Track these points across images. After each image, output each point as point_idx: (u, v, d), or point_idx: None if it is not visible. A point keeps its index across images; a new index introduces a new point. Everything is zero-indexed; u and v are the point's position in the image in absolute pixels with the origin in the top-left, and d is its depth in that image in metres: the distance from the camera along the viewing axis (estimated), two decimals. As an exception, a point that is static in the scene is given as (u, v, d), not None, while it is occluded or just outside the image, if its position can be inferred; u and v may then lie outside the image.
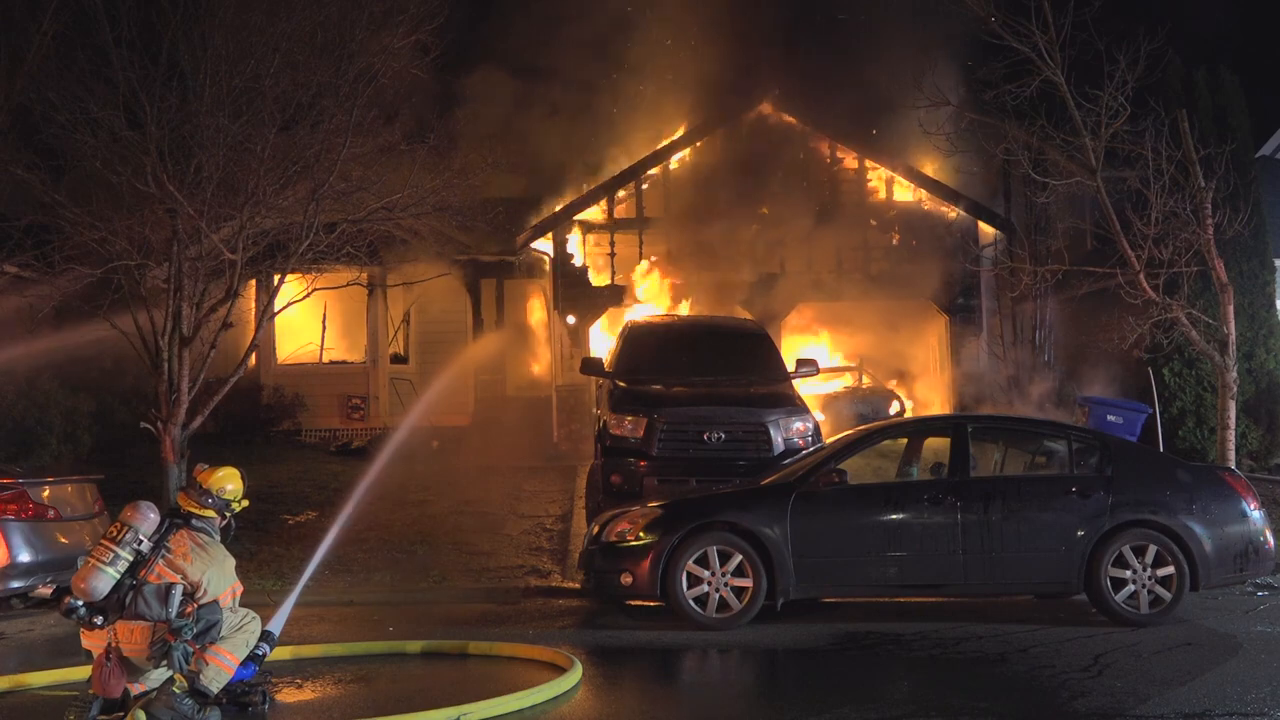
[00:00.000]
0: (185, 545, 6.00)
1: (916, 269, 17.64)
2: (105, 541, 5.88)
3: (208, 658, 5.91)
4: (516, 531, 12.44)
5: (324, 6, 11.40)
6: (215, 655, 5.94)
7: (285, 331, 18.67)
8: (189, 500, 6.19)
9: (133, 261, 11.20)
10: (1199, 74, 15.60)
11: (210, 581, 5.96)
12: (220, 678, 5.98)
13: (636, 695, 6.98)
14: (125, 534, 5.85)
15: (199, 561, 5.98)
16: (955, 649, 7.75)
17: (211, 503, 6.18)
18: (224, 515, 6.26)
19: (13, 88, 11.17)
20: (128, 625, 5.83)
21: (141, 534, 5.90)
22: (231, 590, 6.11)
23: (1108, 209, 13.10)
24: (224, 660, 5.97)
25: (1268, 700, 6.07)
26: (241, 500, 6.30)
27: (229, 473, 6.26)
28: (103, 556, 5.80)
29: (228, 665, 5.98)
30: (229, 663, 5.99)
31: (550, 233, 18.51)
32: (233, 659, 6.01)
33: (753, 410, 10.86)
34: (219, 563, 6.05)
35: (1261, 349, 15.32)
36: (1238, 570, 8.78)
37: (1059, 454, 9.43)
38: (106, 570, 5.78)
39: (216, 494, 6.19)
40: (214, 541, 6.15)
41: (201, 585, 5.93)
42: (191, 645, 5.80)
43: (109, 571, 5.79)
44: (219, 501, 6.20)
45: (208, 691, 5.91)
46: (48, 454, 13.43)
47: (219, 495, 6.20)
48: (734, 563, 8.49)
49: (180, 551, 5.97)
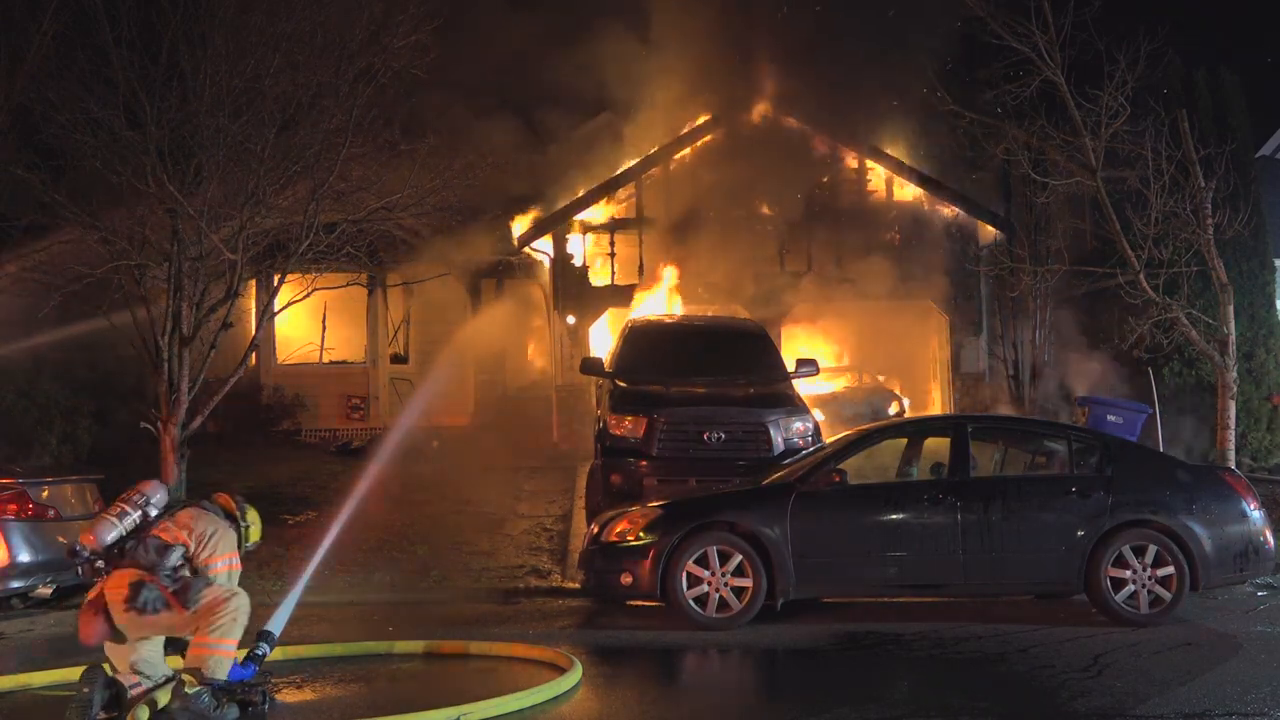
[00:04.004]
0: (191, 513, 6.34)
1: (916, 269, 17.62)
2: (119, 500, 6.28)
3: (205, 651, 5.98)
4: (516, 531, 12.44)
5: (324, 6, 11.38)
6: (211, 647, 5.99)
7: (285, 331, 18.67)
8: (221, 497, 6.60)
9: (133, 261, 11.20)
10: (1199, 74, 15.61)
11: (210, 537, 6.23)
12: (223, 664, 6.03)
13: (636, 695, 6.98)
14: (136, 497, 6.26)
15: (202, 522, 6.29)
16: (955, 649, 7.75)
17: (235, 510, 6.57)
18: (239, 526, 6.56)
19: (13, 88, 11.15)
20: (120, 573, 6.07)
21: (152, 501, 6.28)
22: (228, 560, 6.29)
23: (1108, 209, 13.10)
24: (221, 648, 6.03)
25: (1268, 700, 6.07)
26: (254, 532, 6.65)
27: (254, 512, 6.69)
28: (114, 511, 6.23)
29: (226, 651, 6.04)
30: (227, 648, 6.05)
31: (550, 233, 18.50)
32: (229, 643, 6.06)
33: (753, 410, 10.87)
34: (220, 528, 6.33)
35: (1261, 349, 15.34)
36: (1238, 570, 8.79)
37: (1059, 454, 9.43)
38: (116, 523, 6.17)
39: (239, 512, 6.59)
40: (221, 519, 6.43)
41: (204, 539, 6.20)
42: (163, 590, 5.96)
43: (118, 525, 6.17)
44: (241, 509, 6.58)
45: (215, 680, 5.97)
46: (48, 454, 13.43)
47: (240, 513, 6.58)
48: (734, 563, 8.49)
49: (185, 519, 6.29)
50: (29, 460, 12.65)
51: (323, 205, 11.55)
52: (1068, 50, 12.99)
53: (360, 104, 11.38)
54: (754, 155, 17.63)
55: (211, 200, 11.06)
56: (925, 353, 19.12)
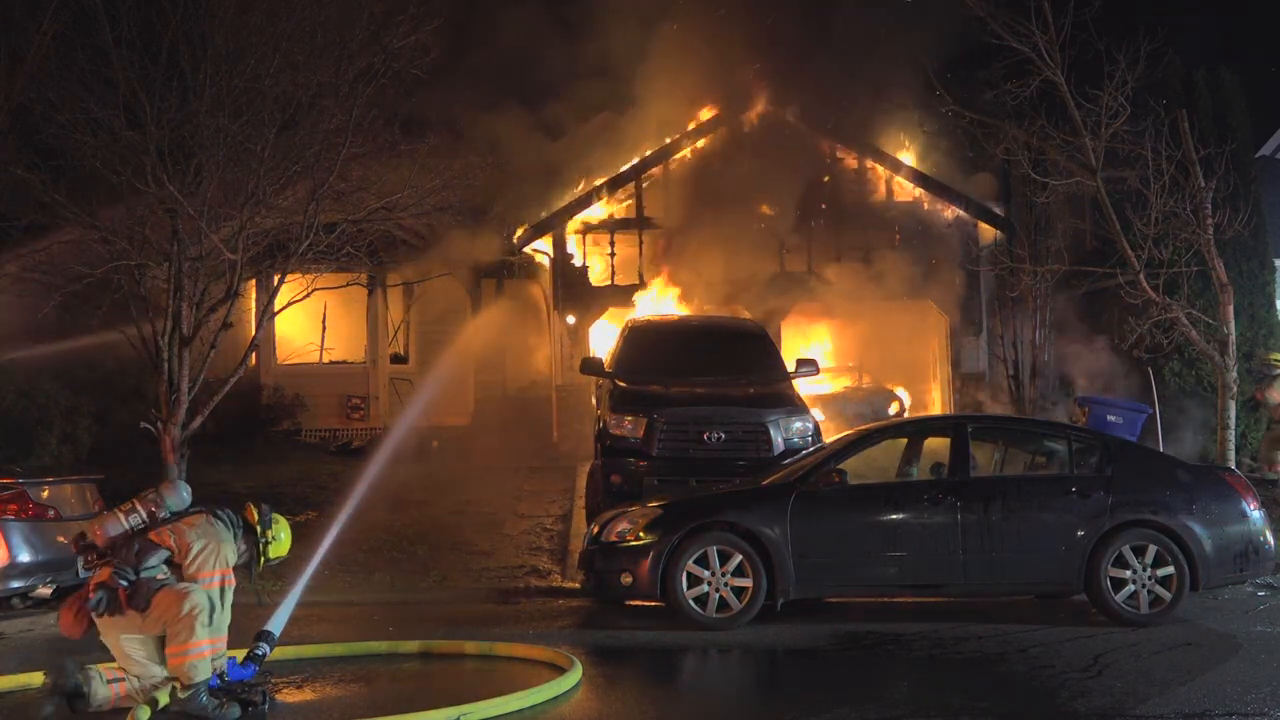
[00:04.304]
0: (191, 521, 6.29)
1: (916, 269, 17.63)
2: (134, 498, 6.35)
3: (178, 659, 5.96)
4: (516, 531, 12.44)
5: (324, 6, 11.38)
6: (181, 654, 5.96)
7: (285, 331, 18.66)
8: (247, 509, 6.61)
9: (133, 261, 11.19)
10: (1199, 74, 15.60)
11: (199, 551, 6.15)
12: (200, 665, 5.97)
13: (636, 695, 6.98)
14: (151, 496, 6.32)
15: (193, 533, 6.21)
16: (955, 649, 7.75)
17: (258, 525, 6.57)
18: (259, 541, 6.56)
19: (13, 88, 11.14)
20: (103, 570, 6.11)
21: (166, 503, 6.30)
22: (220, 576, 6.22)
23: (1108, 209, 13.09)
24: (192, 652, 5.96)
25: (1268, 700, 6.07)
26: (275, 548, 6.65)
27: (283, 527, 6.74)
28: (124, 508, 6.30)
29: (198, 653, 5.97)
30: (198, 650, 5.97)
31: (550, 233, 18.49)
32: (197, 644, 5.97)
33: (753, 410, 10.87)
34: (215, 542, 6.24)
35: (1261, 349, 15.32)
36: (1238, 570, 8.79)
37: (1059, 454, 9.44)
38: (121, 521, 6.23)
39: (263, 522, 6.60)
40: (225, 532, 6.35)
41: (190, 551, 6.14)
42: (120, 591, 5.96)
43: (123, 523, 6.22)
44: (264, 522, 6.59)
45: (196, 684, 5.95)
46: (48, 454, 13.42)
47: (262, 527, 6.58)
48: (734, 563, 8.49)
49: (182, 526, 6.24)
50: (29, 460, 12.65)
51: (323, 205, 11.55)
52: (1068, 50, 12.97)
53: (360, 104, 11.37)
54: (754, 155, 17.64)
55: (211, 200, 11.05)
56: (925, 353, 19.11)
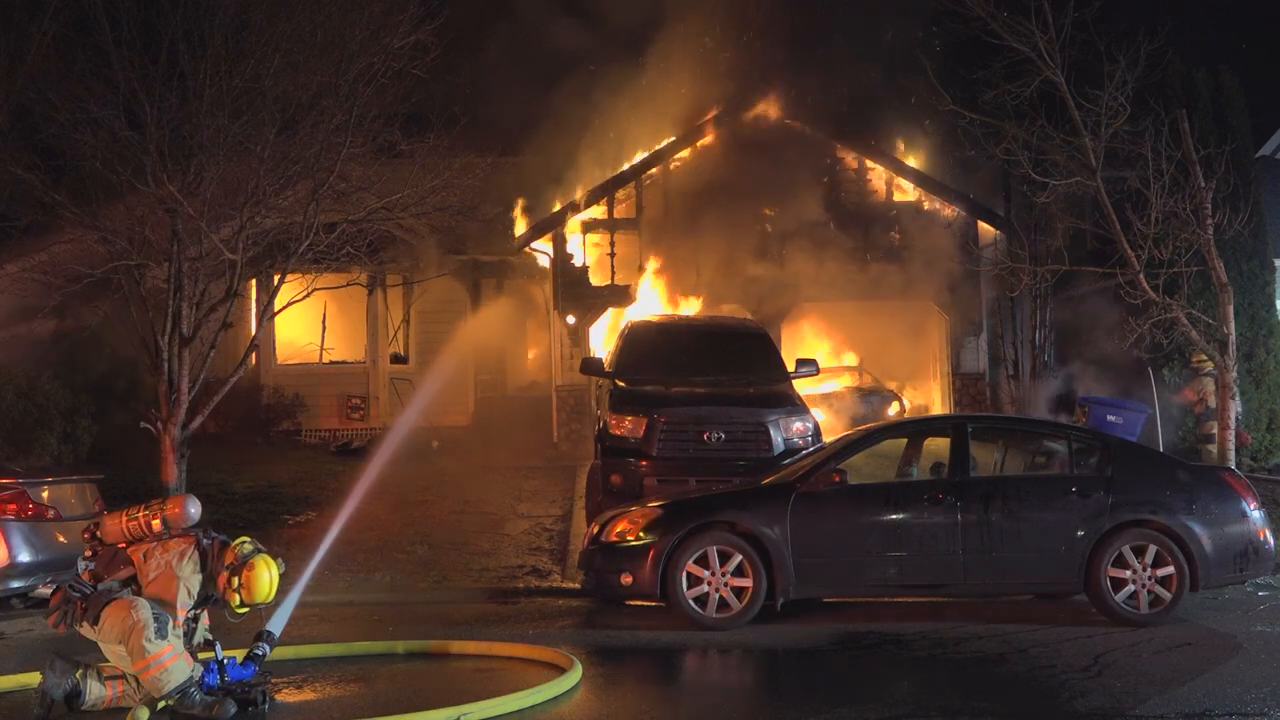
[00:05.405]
0: (171, 545, 6.19)
1: (916, 269, 17.62)
2: (143, 505, 6.36)
3: (144, 675, 5.94)
4: (516, 531, 12.44)
5: (324, 6, 11.39)
6: (145, 669, 5.92)
7: (285, 331, 18.67)
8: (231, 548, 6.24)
9: (133, 261, 11.20)
10: (1199, 74, 15.59)
11: (157, 578, 6.06)
12: (168, 673, 5.93)
13: (636, 695, 6.98)
14: (157, 506, 6.30)
15: (162, 559, 6.13)
16: (955, 649, 7.75)
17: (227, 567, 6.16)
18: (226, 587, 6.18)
19: (13, 88, 11.15)
20: (85, 575, 6.21)
21: (165, 518, 6.24)
22: (172, 616, 6.05)
23: (1108, 209, 13.10)
24: (152, 665, 5.91)
25: (1268, 700, 6.07)
26: (242, 596, 6.13)
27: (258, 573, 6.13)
28: (131, 512, 6.31)
29: (159, 664, 5.92)
30: (157, 661, 5.92)
31: (550, 233, 18.48)
32: (154, 656, 5.92)
33: (753, 410, 10.87)
34: (179, 578, 6.09)
35: (1261, 349, 15.33)
36: (1238, 570, 8.78)
37: (1059, 454, 9.43)
38: (123, 529, 6.26)
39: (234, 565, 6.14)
40: (195, 568, 6.16)
41: (149, 574, 6.09)
42: (78, 604, 6.02)
43: (124, 530, 6.26)
44: (236, 565, 6.13)
45: (168, 696, 5.95)
46: (48, 454, 13.42)
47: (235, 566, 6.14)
48: (734, 563, 8.49)
49: (172, 546, 6.18)
50: (29, 460, 12.65)
51: (323, 205, 11.56)
52: (1068, 50, 12.99)
53: (360, 104, 11.38)
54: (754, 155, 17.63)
55: (211, 200, 11.06)
56: (925, 353, 19.12)
